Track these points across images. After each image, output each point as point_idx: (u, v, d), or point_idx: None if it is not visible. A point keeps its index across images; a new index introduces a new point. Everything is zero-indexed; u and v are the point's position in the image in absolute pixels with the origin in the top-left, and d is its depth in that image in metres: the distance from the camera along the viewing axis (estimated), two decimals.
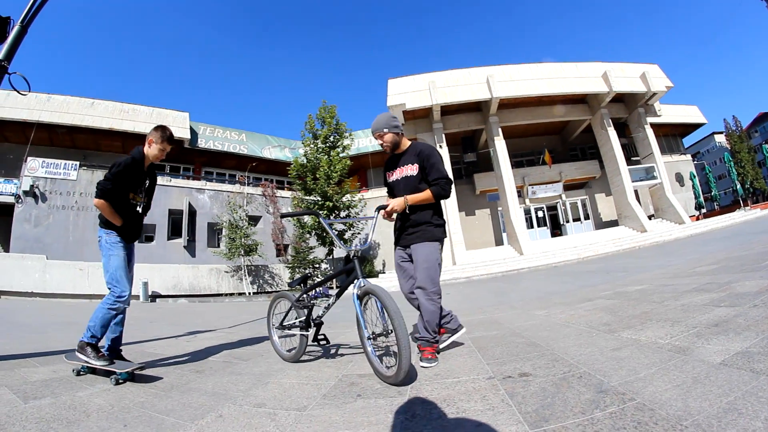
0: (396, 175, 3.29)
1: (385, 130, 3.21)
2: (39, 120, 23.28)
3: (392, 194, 3.35)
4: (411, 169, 3.15)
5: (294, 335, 3.52)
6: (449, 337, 3.31)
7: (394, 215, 3.10)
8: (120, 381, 2.73)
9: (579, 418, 1.60)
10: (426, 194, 3.02)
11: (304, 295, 3.49)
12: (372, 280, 18.02)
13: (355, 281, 2.89)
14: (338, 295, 3.20)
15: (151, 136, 3.41)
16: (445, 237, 3.20)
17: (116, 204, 3.28)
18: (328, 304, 3.28)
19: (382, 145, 3.29)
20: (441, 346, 3.21)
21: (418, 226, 3.08)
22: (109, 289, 3.20)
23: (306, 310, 3.38)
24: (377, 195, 28.46)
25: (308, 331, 3.33)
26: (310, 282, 3.71)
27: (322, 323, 3.41)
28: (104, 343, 3.23)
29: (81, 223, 22.17)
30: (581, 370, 2.22)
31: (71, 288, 19.26)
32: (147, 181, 3.53)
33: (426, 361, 2.82)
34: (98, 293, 19.30)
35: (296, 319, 3.46)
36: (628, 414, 1.58)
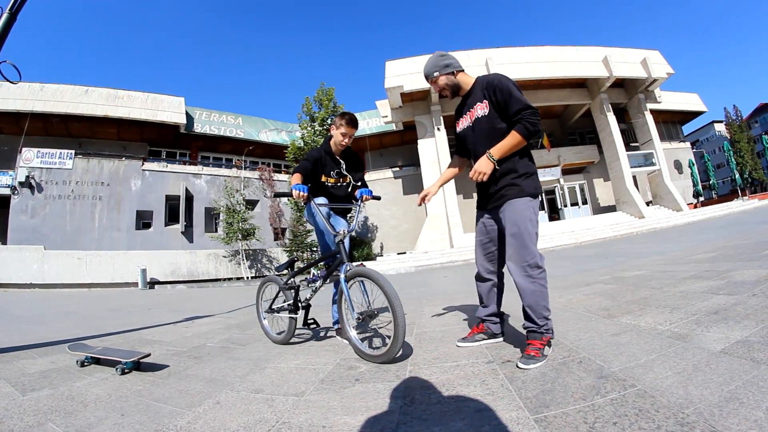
0: (464, 122, 2.70)
1: (436, 74, 2.64)
2: (33, 110, 23.10)
3: (462, 148, 2.80)
4: (481, 109, 2.52)
5: (283, 319, 3.57)
6: (483, 339, 2.75)
7: (484, 178, 2.41)
8: (126, 370, 2.72)
9: (580, 404, 1.59)
10: (511, 138, 2.33)
11: (291, 279, 3.55)
12: (369, 263, 18.10)
13: (341, 265, 2.89)
14: (325, 279, 3.20)
15: (333, 124, 3.54)
16: (540, 191, 2.50)
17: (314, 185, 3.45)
18: (316, 287, 3.33)
19: (440, 93, 2.71)
20: (462, 344, 2.75)
21: (502, 180, 2.45)
22: None
23: (293, 293, 3.44)
24: (375, 178, 28.37)
25: (297, 314, 3.40)
26: (297, 266, 3.72)
27: (310, 306, 3.49)
28: None
29: (78, 212, 22.16)
30: (581, 355, 2.21)
31: (70, 277, 19.36)
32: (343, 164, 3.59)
33: (526, 359, 2.19)
34: (97, 282, 19.37)
35: (284, 302, 3.50)
36: (629, 401, 1.57)
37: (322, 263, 3.46)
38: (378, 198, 3.58)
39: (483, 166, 2.37)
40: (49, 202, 21.57)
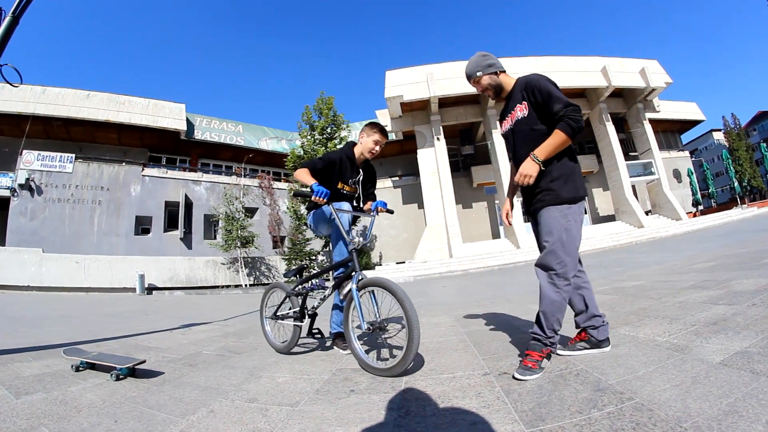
0: (506, 124, 2.64)
1: (479, 74, 2.58)
2: (34, 113, 23.07)
3: (511, 150, 2.69)
4: (520, 110, 2.45)
5: (287, 326, 3.50)
6: (584, 348, 2.50)
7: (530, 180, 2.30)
8: (121, 376, 2.70)
9: (576, 418, 1.57)
10: (555, 138, 2.24)
11: (299, 286, 3.46)
12: (367, 273, 18.15)
13: (353, 274, 2.81)
14: (335, 288, 3.14)
15: (362, 131, 3.48)
16: (580, 195, 2.37)
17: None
18: (324, 296, 3.25)
19: (483, 92, 2.67)
20: (562, 352, 2.52)
21: (538, 184, 2.36)
22: None
23: (300, 300, 3.34)
24: (377, 187, 28.17)
25: (302, 322, 3.32)
26: (306, 273, 3.65)
27: (316, 314, 3.39)
28: None
29: (77, 216, 22.15)
30: (578, 368, 2.19)
31: (68, 281, 19.29)
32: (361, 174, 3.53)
33: (523, 370, 2.15)
34: (95, 286, 19.31)
35: (290, 309, 3.42)
36: (627, 414, 1.54)
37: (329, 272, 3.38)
38: (391, 212, 3.53)
39: (528, 169, 2.27)
40: (48, 205, 21.54)
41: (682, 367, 1.95)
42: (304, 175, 3.03)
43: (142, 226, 24.25)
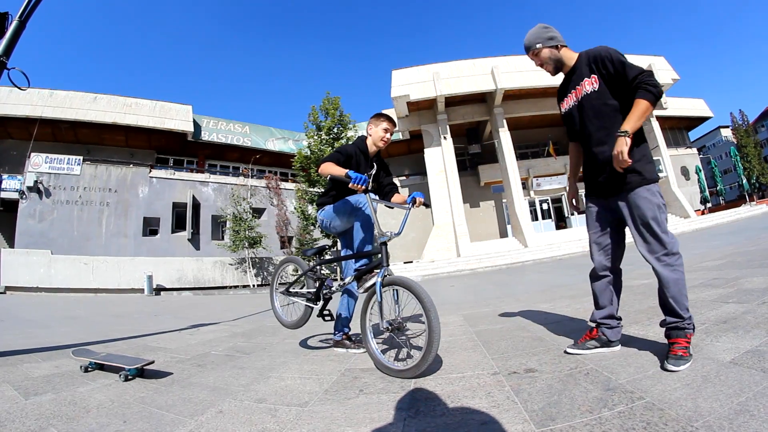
0: (570, 101, 2.49)
1: (539, 46, 2.46)
2: (42, 116, 23.25)
3: (572, 131, 2.57)
4: (589, 84, 2.32)
5: (299, 304, 3.42)
6: (595, 347, 2.43)
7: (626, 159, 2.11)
8: (129, 377, 2.71)
9: (586, 417, 1.57)
10: (639, 108, 2.09)
11: (318, 267, 3.38)
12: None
13: (381, 268, 2.72)
14: (358, 278, 3.02)
15: (369, 123, 3.45)
16: (657, 175, 2.28)
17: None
18: (344, 283, 3.19)
19: (542, 66, 2.54)
20: (572, 351, 2.47)
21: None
22: None
23: (318, 283, 3.27)
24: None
25: (316, 304, 3.25)
26: (327, 255, 3.50)
27: (330, 298, 3.31)
28: None
29: (85, 218, 22.32)
30: (588, 367, 2.18)
31: (76, 282, 19.45)
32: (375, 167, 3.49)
33: (675, 360, 1.98)
34: (103, 287, 19.45)
35: (304, 288, 3.39)
36: (637, 413, 1.54)
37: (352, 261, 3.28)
38: (428, 205, 3.42)
39: (622, 146, 2.10)
40: (56, 207, 21.73)
41: (692, 366, 1.94)
42: (332, 168, 2.97)
43: (150, 228, 24.40)
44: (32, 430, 1.86)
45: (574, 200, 2.81)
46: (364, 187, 2.75)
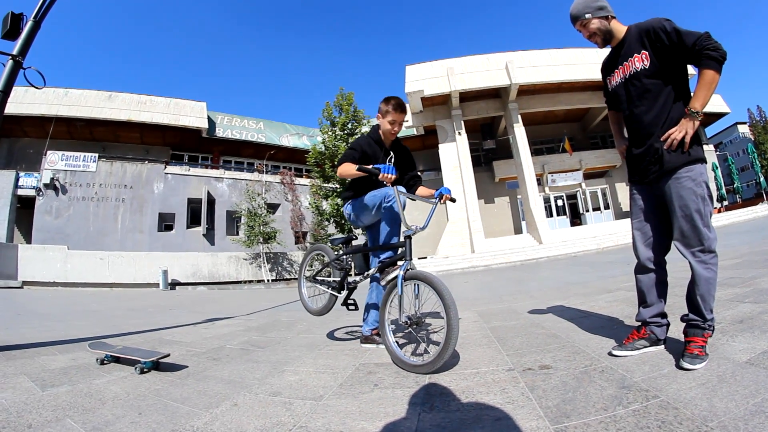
0: (617, 77, 2.34)
1: (588, 16, 2.29)
2: (57, 114, 23.71)
3: (615, 108, 2.49)
4: (639, 61, 2.16)
5: (324, 292, 3.45)
6: (645, 346, 2.26)
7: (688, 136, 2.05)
8: (145, 370, 2.74)
9: (601, 415, 1.57)
10: (705, 79, 1.97)
11: (344, 257, 3.37)
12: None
13: (404, 262, 2.69)
14: (381, 269, 2.96)
15: (378, 112, 3.23)
16: (704, 154, 2.15)
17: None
18: (368, 273, 3.17)
19: (590, 38, 2.37)
20: (619, 353, 2.27)
21: (662, 146, 2.10)
22: None
23: (342, 272, 3.28)
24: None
25: (340, 293, 3.28)
26: (353, 245, 3.50)
27: (355, 288, 3.32)
28: None
29: (101, 214, 22.75)
30: (603, 364, 2.17)
31: (92, 277, 19.78)
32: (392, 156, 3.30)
33: (691, 358, 1.93)
34: (119, 282, 19.75)
35: (330, 277, 3.42)
36: (652, 412, 1.54)
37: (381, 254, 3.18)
38: (454, 200, 3.35)
39: (689, 127, 2.03)
40: (72, 204, 22.19)
41: (707, 365, 1.93)
42: (349, 168, 2.94)
43: (165, 223, 24.74)
44: (49, 420, 1.89)
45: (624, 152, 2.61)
46: (394, 176, 2.72)
